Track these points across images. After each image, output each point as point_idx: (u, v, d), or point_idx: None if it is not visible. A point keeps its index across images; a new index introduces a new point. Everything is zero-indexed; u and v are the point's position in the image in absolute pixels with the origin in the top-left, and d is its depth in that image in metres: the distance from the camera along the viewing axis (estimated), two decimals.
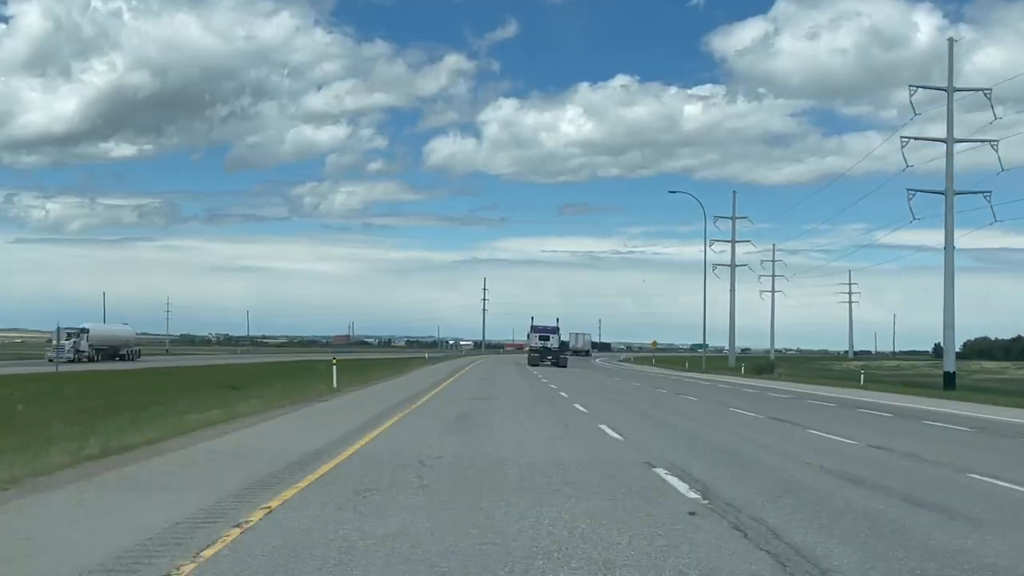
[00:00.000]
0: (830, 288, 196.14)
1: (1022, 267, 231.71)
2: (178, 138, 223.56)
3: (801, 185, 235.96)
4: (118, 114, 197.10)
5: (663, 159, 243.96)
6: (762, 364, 76.14)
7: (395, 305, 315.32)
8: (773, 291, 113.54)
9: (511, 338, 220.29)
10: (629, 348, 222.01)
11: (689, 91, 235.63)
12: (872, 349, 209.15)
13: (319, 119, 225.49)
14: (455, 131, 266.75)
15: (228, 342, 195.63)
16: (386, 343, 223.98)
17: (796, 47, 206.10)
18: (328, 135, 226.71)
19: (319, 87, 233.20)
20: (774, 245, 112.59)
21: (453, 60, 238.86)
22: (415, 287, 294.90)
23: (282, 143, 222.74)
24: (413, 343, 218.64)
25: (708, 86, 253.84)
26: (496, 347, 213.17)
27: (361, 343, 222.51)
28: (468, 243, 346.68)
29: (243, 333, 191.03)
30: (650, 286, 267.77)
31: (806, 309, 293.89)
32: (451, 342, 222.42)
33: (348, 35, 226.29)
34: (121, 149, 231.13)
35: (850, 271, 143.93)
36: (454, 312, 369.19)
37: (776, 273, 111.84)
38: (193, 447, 13.22)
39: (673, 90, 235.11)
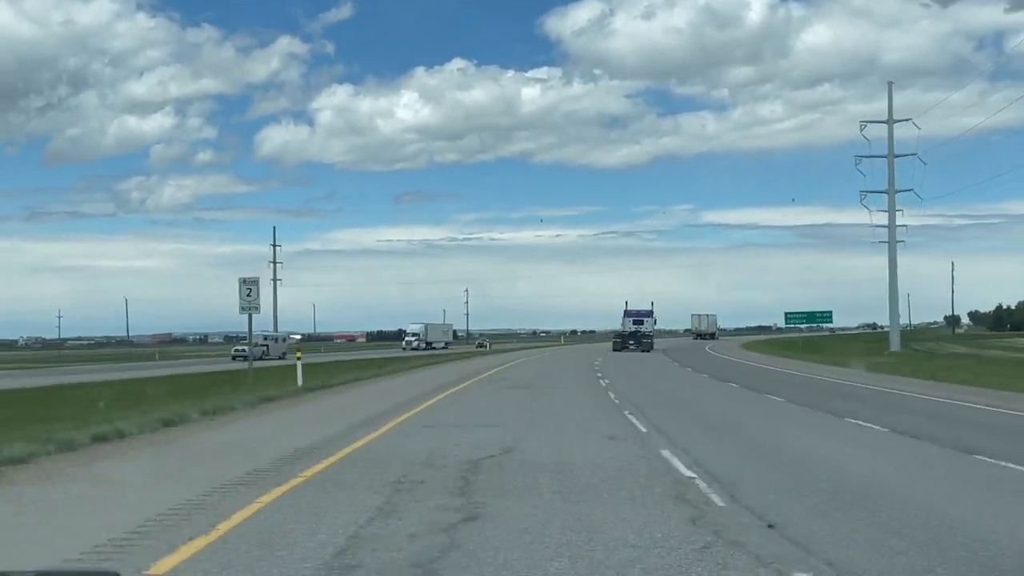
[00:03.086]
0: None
1: None
2: None
3: (637, 167, 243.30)
4: None
5: (501, 143, 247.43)
6: None
7: (224, 301, 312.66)
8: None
9: (345, 330, 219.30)
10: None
11: (526, 74, 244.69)
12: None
13: (143, 108, 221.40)
14: (287, 119, 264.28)
15: (42, 346, 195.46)
16: (202, 340, 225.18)
17: (631, 27, 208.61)
18: (153, 125, 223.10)
19: (142, 74, 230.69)
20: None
21: (285, 43, 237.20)
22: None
23: (104, 135, 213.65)
24: (232, 339, 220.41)
25: (545, 68, 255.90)
26: (325, 339, 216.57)
27: (178, 341, 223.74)
28: (302, 235, 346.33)
29: (61, 336, 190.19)
30: (487, 272, 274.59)
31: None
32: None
33: (173, 20, 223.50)
34: None
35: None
36: (287, 305, 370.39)
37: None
38: None
39: (510, 73, 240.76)
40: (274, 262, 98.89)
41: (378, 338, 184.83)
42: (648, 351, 70.71)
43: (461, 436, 15.15)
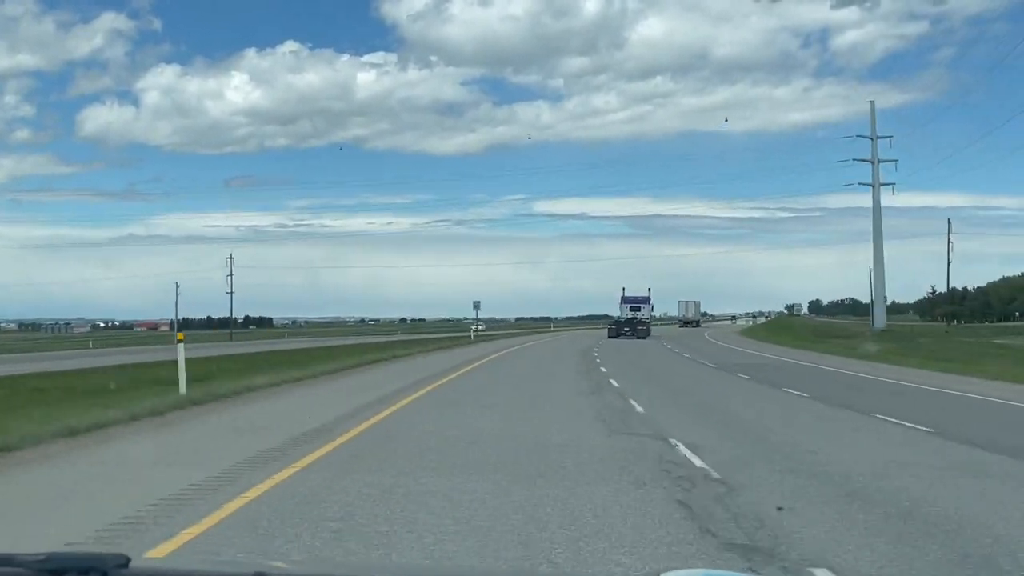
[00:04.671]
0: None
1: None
2: None
3: (472, 155, 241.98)
4: None
5: (334, 128, 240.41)
6: None
7: (38, 287, 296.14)
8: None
9: (160, 318, 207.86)
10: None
11: (361, 58, 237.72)
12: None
13: None
14: (112, 99, 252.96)
15: None
16: None
17: (468, 14, 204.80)
18: None
19: None
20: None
21: (109, 19, 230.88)
22: (65, 267, 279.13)
23: None
24: (26, 327, 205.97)
25: (380, 54, 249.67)
26: (126, 328, 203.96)
27: None
28: (127, 219, 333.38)
29: None
30: (317, 259, 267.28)
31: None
32: (68, 324, 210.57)
33: None
34: None
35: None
36: (110, 293, 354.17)
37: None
38: None
39: (345, 57, 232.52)
40: None
41: (183, 326, 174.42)
42: (644, 338, 69.65)
43: None
